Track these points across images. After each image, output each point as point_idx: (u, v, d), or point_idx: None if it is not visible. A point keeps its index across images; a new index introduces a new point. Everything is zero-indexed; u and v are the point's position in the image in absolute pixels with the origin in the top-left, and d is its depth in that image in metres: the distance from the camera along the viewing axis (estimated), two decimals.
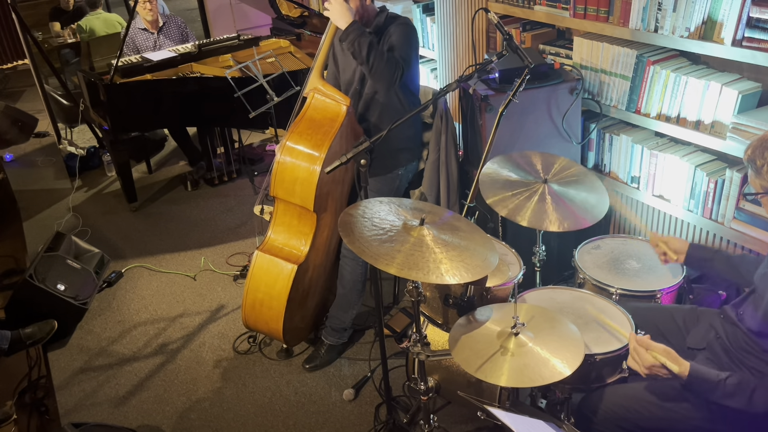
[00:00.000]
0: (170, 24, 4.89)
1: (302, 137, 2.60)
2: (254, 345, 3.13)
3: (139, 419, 2.78)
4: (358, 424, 2.65)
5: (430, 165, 2.98)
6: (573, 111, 2.86)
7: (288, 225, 2.78)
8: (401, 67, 2.55)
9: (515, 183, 2.44)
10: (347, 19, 2.53)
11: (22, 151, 5.63)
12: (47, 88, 5.21)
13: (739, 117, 2.33)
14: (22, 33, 4.92)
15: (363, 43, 2.50)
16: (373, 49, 2.50)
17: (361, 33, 2.51)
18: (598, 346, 1.97)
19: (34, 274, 3.25)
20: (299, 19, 4.90)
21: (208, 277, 3.73)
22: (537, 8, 3.07)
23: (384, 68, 2.52)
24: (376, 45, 2.53)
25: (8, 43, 7.71)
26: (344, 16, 2.53)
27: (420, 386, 2.17)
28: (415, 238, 1.86)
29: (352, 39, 2.51)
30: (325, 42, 2.66)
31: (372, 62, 2.51)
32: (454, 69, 3.61)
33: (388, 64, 2.53)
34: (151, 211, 4.53)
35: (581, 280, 2.40)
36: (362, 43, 2.50)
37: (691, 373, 1.72)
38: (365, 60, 2.51)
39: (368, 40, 2.50)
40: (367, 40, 2.50)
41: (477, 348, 1.90)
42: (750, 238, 2.40)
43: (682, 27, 2.43)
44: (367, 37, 2.51)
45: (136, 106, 4.07)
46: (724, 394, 1.70)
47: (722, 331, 1.94)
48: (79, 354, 3.20)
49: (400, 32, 2.62)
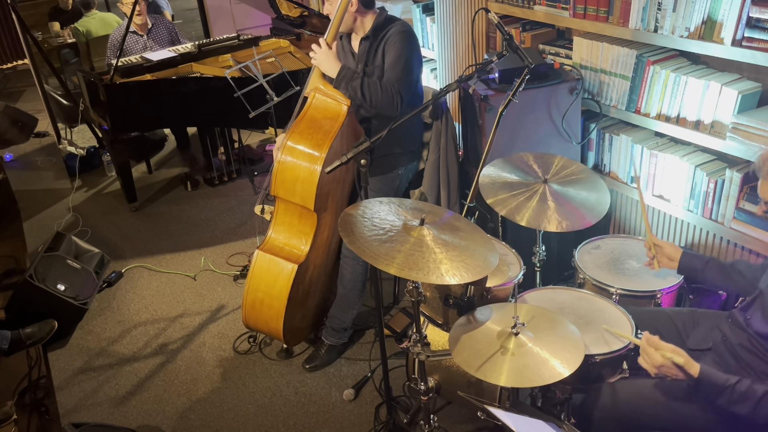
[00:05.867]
0: (159, 26, 4.89)
1: (303, 137, 2.60)
2: (254, 345, 3.13)
3: (139, 419, 2.78)
4: (358, 424, 2.65)
5: (430, 165, 2.98)
6: (573, 111, 2.86)
7: (288, 224, 2.78)
8: (399, 92, 2.61)
9: (515, 184, 2.44)
10: (336, 67, 2.64)
11: (22, 151, 5.63)
12: (47, 88, 5.21)
13: (739, 117, 2.33)
14: (22, 33, 4.92)
15: (356, 86, 2.61)
16: (365, 86, 2.61)
17: (351, 77, 2.63)
18: (598, 347, 1.97)
19: (34, 274, 3.25)
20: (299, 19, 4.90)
21: (208, 277, 3.73)
22: (537, 8, 3.07)
23: (383, 99, 2.61)
24: (367, 82, 2.61)
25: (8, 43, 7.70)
26: (332, 64, 2.64)
27: (420, 386, 2.17)
28: (415, 238, 1.86)
29: (344, 85, 2.63)
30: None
31: (370, 99, 2.62)
32: (454, 69, 3.61)
33: (385, 94, 2.61)
34: (151, 211, 4.53)
35: (581, 280, 2.40)
36: (355, 86, 2.62)
37: (701, 376, 1.70)
38: (363, 100, 2.63)
39: (359, 81, 2.61)
40: (358, 81, 2.61)
41: (477, 348, 1.90)
42: (750, 238, 2.40)
43: (682, 27, 2.43)
44: (357, 78, 2.62)
45: (135, 106, 4.07)
46: (730, 399, 1.69)
47: (730, 333, 1.93)
48: (79, 354, 3.20)
49: (396, 49, 2.63)
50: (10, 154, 5.56)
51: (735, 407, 1.69)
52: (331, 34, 2.64)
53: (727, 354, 1.92)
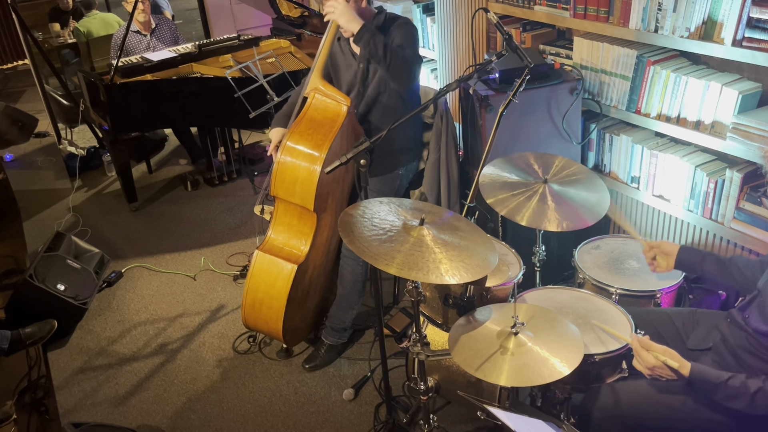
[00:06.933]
0: (162, 26, 4.89)
1: (303, 137, 2.60)
2: (254, 345, 3.13)
3: (139, 419, 2.78)
4: (358, 424, 2.65)
5: (430, 165, 2.98)
6: (573, 111, 2.86)
7: (288, 225, 2.78)
8: (417, 61, 2.55)
9: (515, 184, 2.44)
10: (358, 21, 2.49)
11: (22, 151, 5.63)
12: (47, 88, 5.21)
13: (739, 117, 2.33)
14: (22, 33, 4.92)
15: (378, 42, 2.46)
16: (389, 47, 2.48)
17: (374, 33, 2.48)
18: (598, 346, 1.97)
19: (34, 274, 3.26)
20: (299, 19, 4.91)
21: (208, 277, 3.73)
22: (537, 8, 3.07)
23: (401, 65, 2.50)
24: (390, 43, 2.51)
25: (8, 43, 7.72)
26: (354, 18, 2.49)
27: (420, 386, 2.17)
28: (415, 238, 1.86)
29: (366, 39, 2.47)
30: (325, 42, 2.66)
31: (389, 60, 2.47)
32: (454, 69, 3.61)
33: (404, 61, 2.50)
34: (151, 211, 4.53)
35: (581, 280, 2.40)
36: (377, 42, 2.46)
37: (693, 373, 1.72)
38: (383, 58, 2.47)
39: (383, 39, 2.47)
40: (381, 39, 2.47)
41: (477, 348, 1.90)
42: (750, 238, 2.40)
43: (682, 27, 2.43)
44: (381, 36, 2.48)
45: (136, 106, 4.07)
46: (725, 395, 1.71)
47: (729, 333, 1.94)
48: (79, 354, 3.20)
49: (403, 32, 2.61)
50: (11, 154, 5.56)
51: (731, 403, 1.71)
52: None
53: (726, 354, 1.92)
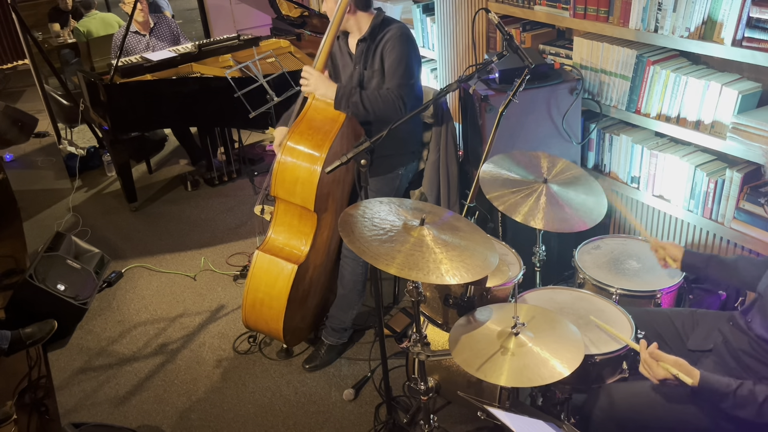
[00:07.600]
0: (161, 24, 4.88)
1: (303, 137, 2.60)
2: (254, 345, 3.13)
3: (139, 419, 2.78)
4: (358, 424, 2.65)
5: (430, 165, 2.98)
6: (573, 111, 2.86)
7: (288, 225, 2.78)
8: (401, 97, 2.57)
9: (516, 181, 2.44)
10: (332, 88, 2.58)
11: (22, 151, 5.63)
12: (47, 88, 5.21)
13: (739, 117, 2.33)
14: (22, 33, 4.92)
15: (356, 102, 2.56)
16: (365, 99, 2.55)
17: (349, 94, 2.57)
18: (598, 347, 1.97)
19: (34, 274, 3.25)
20: (299, 19, 4.91)
21: (208, 277, 3.73)
22: (537, 8, 3.07)
23: (385, 108, 2.57)
24: (367, 95, 2.56)
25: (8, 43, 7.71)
26: (328, 87, 2.58)
27: (420, 386, 2.16)
28: (415, 238, 1.86)
29: (345, 103, 2.57)
30: (325, 42, 2.66)
31: (373, 111, 2.57)
32: (454, 69, 3.61)
33: (387, 102, 2.57)
34: (151, 211, 4.53)
35: (581, 280, 2.40)
36: (355, 102, 2.56)
37: (701, 383, 1.71)
38: (366, 113, 2.58)
39: (358, 96, 2.56)
40: (357, 96, 2.56)
41: (477, 348, 1.90)
42: (750, 238, 2.40)
43: (682, 27, 2.43)
44: (356, 94, 2.56)
45: (136, 106, 4.07)
46: (734, 404, 1.70)
47: (730, 336, 1.93)
48: (79, 354, 3.20)
49: (395, 53, 2.60)
50: (10, 154, 5.56)
51: (738, 412, 1.70)
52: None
53: (727, 356, 1.92)
